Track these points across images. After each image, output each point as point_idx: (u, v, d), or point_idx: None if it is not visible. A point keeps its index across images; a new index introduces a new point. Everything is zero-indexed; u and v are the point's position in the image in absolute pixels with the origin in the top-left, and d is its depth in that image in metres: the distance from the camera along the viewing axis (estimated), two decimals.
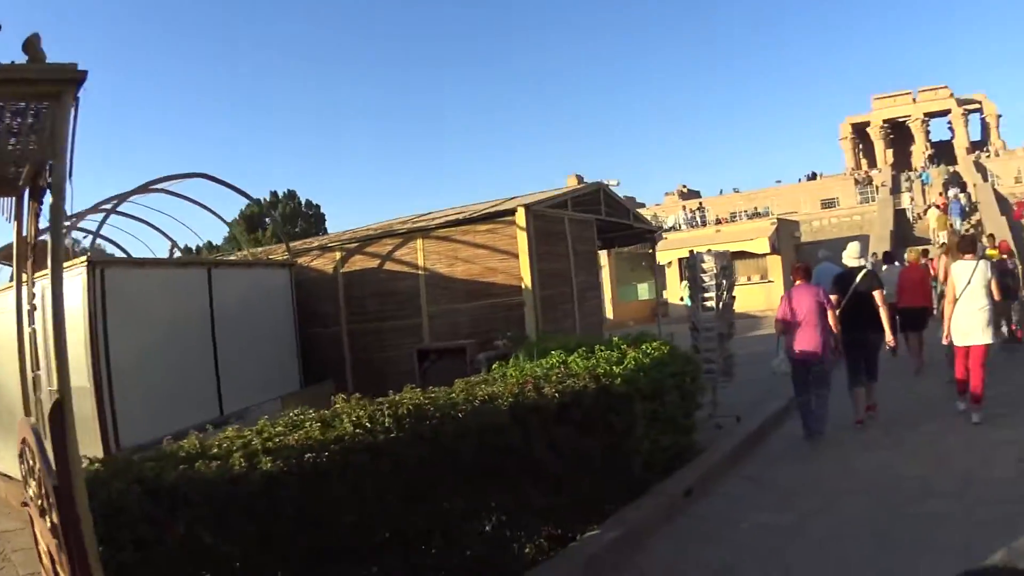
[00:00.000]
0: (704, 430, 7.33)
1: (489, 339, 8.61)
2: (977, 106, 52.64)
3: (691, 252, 9.20)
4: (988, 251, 11.93)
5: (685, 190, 50.32)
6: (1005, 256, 11.63)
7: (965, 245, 7.76)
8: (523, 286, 8.89)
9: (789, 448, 7.28)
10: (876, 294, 7.55)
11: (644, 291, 27.87)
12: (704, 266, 8.29)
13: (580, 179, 53.04)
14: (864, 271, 7.83)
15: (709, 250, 8.53)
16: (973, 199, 29.54)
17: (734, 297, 8.58)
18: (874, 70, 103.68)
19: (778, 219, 27.11)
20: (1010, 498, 4.93)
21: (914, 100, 51.53)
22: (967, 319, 7.21)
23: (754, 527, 5.12)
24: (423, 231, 9.76)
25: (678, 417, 6.38)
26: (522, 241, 8.90)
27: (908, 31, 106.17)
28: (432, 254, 9.61)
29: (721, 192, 48.78)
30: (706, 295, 8.26)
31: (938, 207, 27.98)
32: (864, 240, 25.99)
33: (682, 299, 25.74)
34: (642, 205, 46.16)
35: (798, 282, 7.49)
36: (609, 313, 22.83)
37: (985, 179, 33.13)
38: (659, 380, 5.98)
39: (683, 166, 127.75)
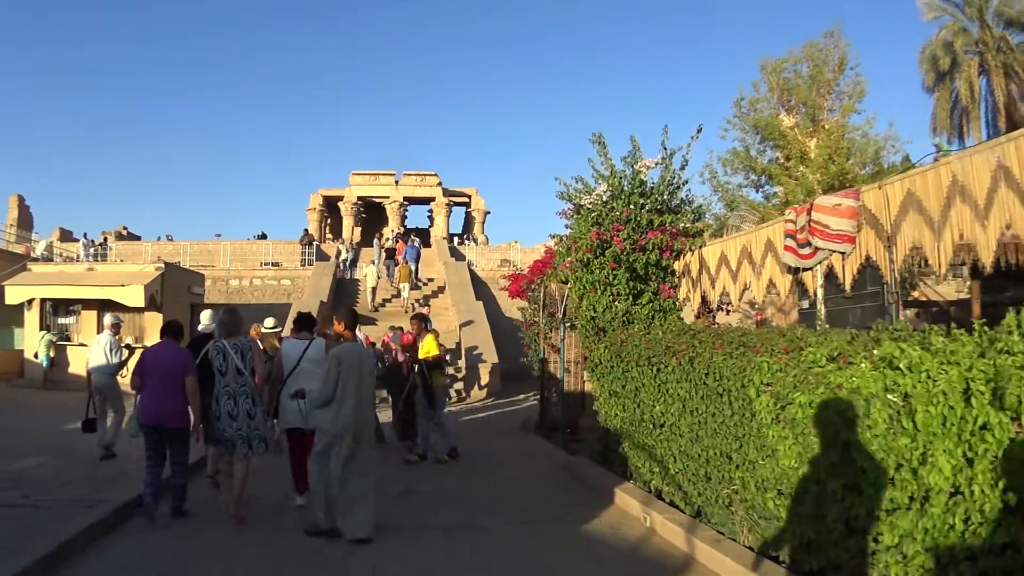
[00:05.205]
0: None
1: None
2: (466, 199, 54.59)
3: None
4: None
5: (125, 232, 45.54)
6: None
7: (299, 323, 7.32)
8: None
9: None
10: None
11: (19, 338, 20.30)
12: None
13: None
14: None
15: None
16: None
17: None
18: (372, 151, 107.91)
19: (166, 264, 20.20)
20: None
21: (397, 183, 51.61)
22: (294, 403, 6.72)
23: None
24: None
25: None
26: None
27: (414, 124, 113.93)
28: None
29: (159, 239, 42.90)
30: None
31: (394, 252, 27.50)
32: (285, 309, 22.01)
33: (37, 355, 18.85)
34: (77, 241, 38.30)
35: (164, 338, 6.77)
36: None
37: (460, 260, 31.38)
38: None
39: (142, 210, 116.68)
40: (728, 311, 10.10)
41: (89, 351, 9.60)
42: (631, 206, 8.99)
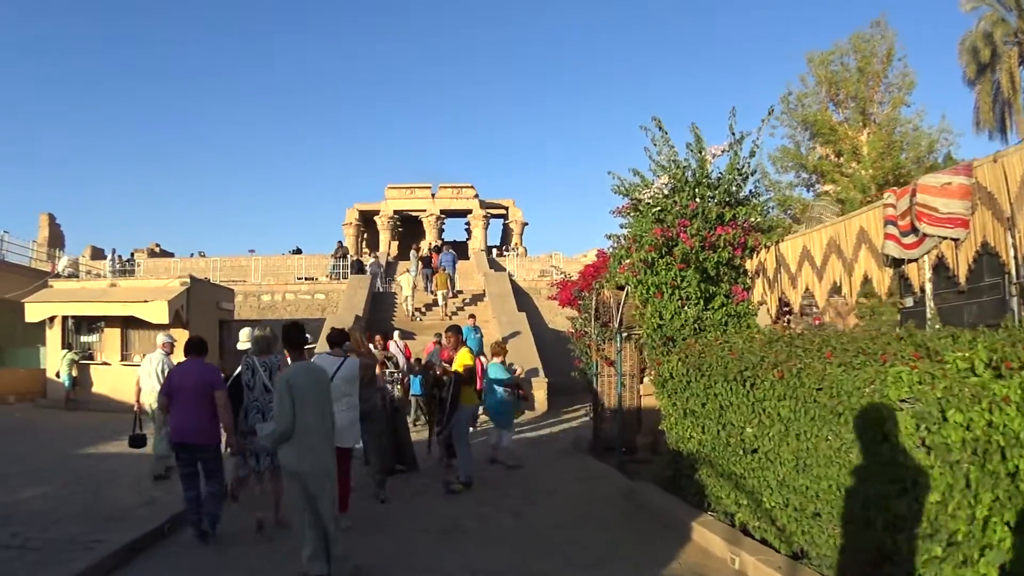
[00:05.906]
0: None
1: None
2: (503, 211, 53.78)
3: None
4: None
5: (157, 249, 45.24)
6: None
7: (331, 340, 7.04)
8: None
9: None
10: None
11: (44, 357, 19.44)
12: None
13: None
14: None
15: None
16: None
17: None
18: (407, 163, 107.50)
19: (192, 279, 19.30)
20: None
21: (433, 196, 50.80)
22: None
23: None
24: None
25: None
26: None
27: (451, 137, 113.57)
28: None
29: (191, 255, 42.86)
30: None
31: (430, 260, 26.78)
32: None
33: (58, 375, 17.90)
34: (105, 257, 38.07)
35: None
36: None
37: (500, 271, 30.54)
38: None
39: (176, 228, 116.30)
40: (808, 314, 9.03)
41: (139, 369, 9.58)
42: (697, 199, 7.99)
